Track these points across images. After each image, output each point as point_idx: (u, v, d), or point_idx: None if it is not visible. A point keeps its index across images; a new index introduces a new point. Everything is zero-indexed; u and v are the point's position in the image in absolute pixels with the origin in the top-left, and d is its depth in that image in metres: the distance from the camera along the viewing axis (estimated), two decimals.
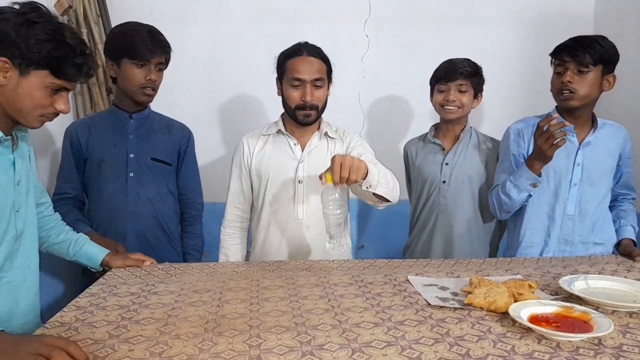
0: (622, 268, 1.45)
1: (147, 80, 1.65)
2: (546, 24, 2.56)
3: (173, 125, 1.86)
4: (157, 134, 1.78)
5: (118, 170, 1.70)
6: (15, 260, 1.17)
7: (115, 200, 1.70)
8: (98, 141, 1.71)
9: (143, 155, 1.73)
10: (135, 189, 1.71)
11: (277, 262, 1.53)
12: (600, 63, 1.55)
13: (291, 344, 0.93)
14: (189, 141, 1.88)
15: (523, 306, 1.05)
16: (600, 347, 0.91)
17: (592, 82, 1.56)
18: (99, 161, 1.70)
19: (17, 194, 1.17)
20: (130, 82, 1.65)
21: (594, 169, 1.64)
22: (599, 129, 1.65)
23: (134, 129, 1.74)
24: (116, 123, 1.74)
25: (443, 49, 2.30)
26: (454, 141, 1.89)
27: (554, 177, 1.65)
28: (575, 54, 1.55)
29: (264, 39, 2.50)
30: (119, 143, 1.71)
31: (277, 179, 1.66)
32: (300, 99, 1.59)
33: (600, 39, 1.57)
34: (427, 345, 0.92)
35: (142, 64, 1.63)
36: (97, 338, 0.96)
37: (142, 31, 1.63)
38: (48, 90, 1.08)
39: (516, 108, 2.39)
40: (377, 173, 1.40)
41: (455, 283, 1.29)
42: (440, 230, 1.86)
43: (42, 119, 1.13)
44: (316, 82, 1.59)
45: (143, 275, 1.38)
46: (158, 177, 1.76)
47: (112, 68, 1.67)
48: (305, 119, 1.61)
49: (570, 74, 1.56)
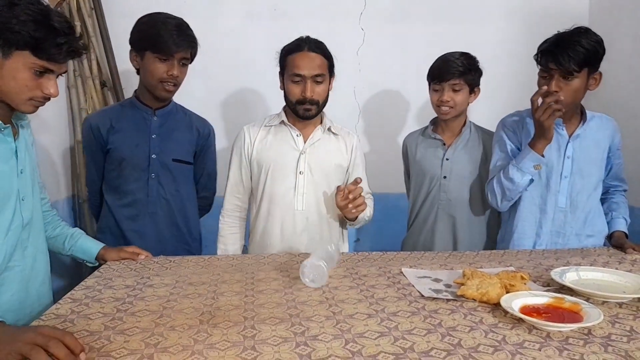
0: (614, 260, 1.47)
1: (169, 75, 1.59)
2: (541, 20, 2.57)
3: (195, 120, 1.81)
4: (179, 132, 1.74)
5: (140, 171, 1.67)
6: (27, 250, 1.19)
7: (136, 201, 1.68)
8: (120, 138, 1.67)
9: (165, 156, 1.69)
10: (157, 189, 1.68)
11: (271, 255, 1.54)
12: (586, 66, 1.51)
13: (285, 334, 0.94)
14: (209, 139, 1.84)
15: (514, 297, 1.06)
16: (589, 336, 0.93)
17: (578, 87, 1.54)
18: (120, 159, 1.66)
19: (22, 182, 1.18)
20: (151, 75, 1.60)
21: (584, 161, 1.65)
22: (588, 122, 1.66)
23: (157, 127, 1.69)
24: (139, 119, 1.69)
25: (438, 42, 2.30)
26: (454, 136, 1.89)
27: (545, 169, 1.66)
28: (559, 62, 1.50)
29: (261, 33, 2.50)
30: (141, 142, 1.67)
31: (278, 169, 1.67)
32: (300, 94, 1.60)
33: (584, 38, 1.50)
34: (420, 336, 0.93)
35: (165, 58, 1.57)
36: (92, 330, 0.96)
37: (169, 24, 1.56)
38: (32, 71, 1.07)
39: (510, 103, 2.38)
40: (363, 217, 1.65)
41: (449, 275, 1.30)
42: (442, 225, 1.87)
43: (32, 102, 1.12)
44: (316, 77, 1.60)
45: (138, 268, 1.39)
46: (179, 177, 1.74)
47: (135, 59, 1.63)
48: (306, 113, 1.63)
49: (556, 83, 1.53)
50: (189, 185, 1.79)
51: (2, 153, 1.13)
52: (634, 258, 1.49)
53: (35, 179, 1.26)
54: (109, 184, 1.70)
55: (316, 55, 1.60)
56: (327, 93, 1.67)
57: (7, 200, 1.13)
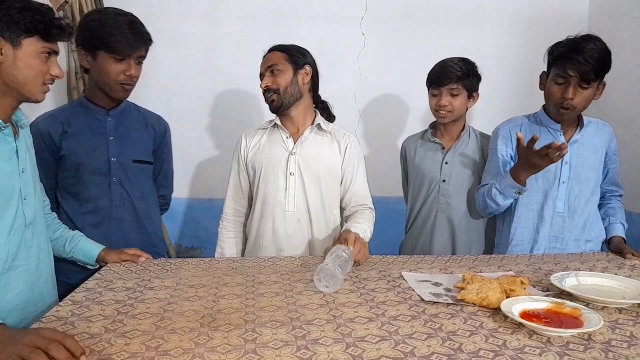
0: (613, 265, 1.47)
1: (127, 75, 1.52)
2: (541, 24, 2.58)
3: (149, 118, 1.74)
4: (136, 132, 1.67)
5: (100, 176, 1.58)
6: (31, 250, 1.20)
7: (99, 206, 1.59)
8: (75, 143, 1.56)
9: (125, 158, 1.62)
10: (119, 193, 1.61)
11: (272, 257, 1.54)
12: (601, 75, 1.55)
13: (286, 338, 0.94)
14: (165, 135, 1.79)
15: (515, 302, 1.07)
16: (589, 342, 0.93)
17: (590, 96, 1.57)
18: (77, 165, 1.56)
19: (23, 182, 1.18)
20: (107, 76, 1.51)
21: (581, 167, 1.66)
22: (585, 127, 1.67)
23: (113, 128, 1.61)
24: (92, 121, 1.59)
25: (438, 47, 2.32)
26: (453, 140, 1.90)
27: (543, 175, 1.67)
28: (581, 70, 1.50)
29: (261, 37, 2.50)
30: (99, 146, 1.58)
31: (270, 170, 1.69)
32: (262, 87, 1.69)
33: (601, 49, 1.52)
34: (420, 340, 0.93)
35: (121, 58, 1.50)
36: (93, 332, 0.97)
37: (122, 22, 1.49)
38: (43, 56, 1.13)
39: (510, 107, 2.41)
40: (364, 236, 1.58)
41: (449, 279, 1.31)
42: (441, 228, 1.87)
43: (44, 88, 1.16)
44: (270, 68, 1.67)
45: (139, 270, 1.39)
46: (140, 177, 1.68)
47: (85, 58, 1.53)
48: (270, 104, 1.69)
49: (573, 90, 1.54)
50: (151, 185, 1.74)
51: (3, 152, 1.14)
52: (633, 263, 1.49)
53: (37, 180, 1.27)
54: (67, 191, 1.59)
55: (272, 52, 1.70)
56: (292, 82, 1.66)
57: (9, 199, 1.13)
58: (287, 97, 1.67)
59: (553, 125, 1.67)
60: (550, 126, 1.68)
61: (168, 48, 2.52)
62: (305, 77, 1.69)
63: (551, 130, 1.68)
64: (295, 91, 1.67)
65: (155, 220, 1.77)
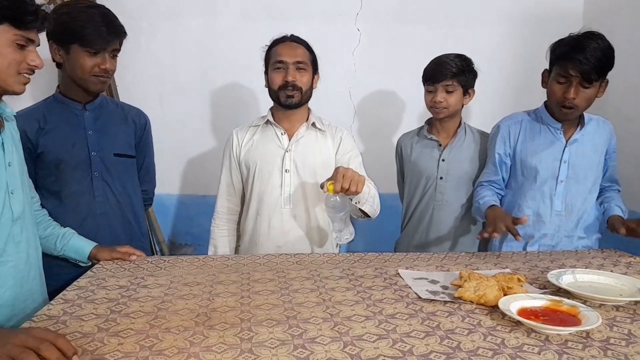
0: (609, 262, 1.47)
1: (102, 69, 1.49)
2: (536, 21, 2.58)
3: (128, 111, 1.71)
4: (115, 125, 1.64)
5: (81, 171, 1.55)
6: (20, 245, 1.17)
7: (82, 202, 1.56)
8: (53, 139, 1.52)
9: (106, 152, 1.58)
10: (102, 188, 1.58)
11: (267, 255, 1.52)
12: (604, 75, 1.54)
13: (283, 337, 0.92)
14: (145, 128, 1.75)
15: (512, 300, 1.06)
16: (588, 340, 0.92)
17: (592, 95, 1.56)
18: (58, 162, 1.52)
19: (10, 175, 1.15)
20: (81, 70, 1.48)
21: (580, 166, 1.66)
22: (586, 126, 1.66)
23: (91, 122, 1.58)
24: (69, 116, 1.56)
25: (434, 43, 2.31)
26: (449, 137, 1.89)
27: (541, 174, 1.67)
28: (584, 70, 1.49)
29: (257, 33, 2.47)
30: (78, 141, 1.54)
31: (264, 168, 1.67)
32: (282, 79, 1.62)
33: (603, 47, 1.51)
34: (418, 339, 0.92)
35: (95, 51, 1.46)
36: (85, 331, 0.95)
37: (94, 15, 1.45)
38: (15, 45, 1.07)
39: (506, 104, 2.41)
40: (368, 192, 1.54)
41: (445, 276, 1.30)
42: (437, 225, 1.87)
43: (21, 79, 1.11)
44: (299, 64, 1.62)
45: (132, 268, 1.37)
46: (123, 172, 1.64)
47: (58, 52, 1.49)
48: (289, 99, 1.63)
49: (575, 90, 1.53)
50: (134, 179, 1.71)
51: None
52: (629, 261, 1.49)
53: (25, 175, 1.24)
54: (47, 190, 1.54)
55: (298, 45, 1.64)
56: (311, 85, 1.67)
57: None
58: (304, 98, 1.67)
59: (554, 124, 1.67)
60: (551, 125, 1.67)
61: (163, 44, 2.49)
62: (316, 82, 1.70)
63: (552, 128, 1.67)
64: (309, 94, 1.69)
65: (140, 215, 1.74)
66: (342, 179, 1.36)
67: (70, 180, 1.54)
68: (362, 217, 1.62)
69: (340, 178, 1.37)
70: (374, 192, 1.60)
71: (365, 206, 1.55)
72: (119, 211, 1.63)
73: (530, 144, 1.70)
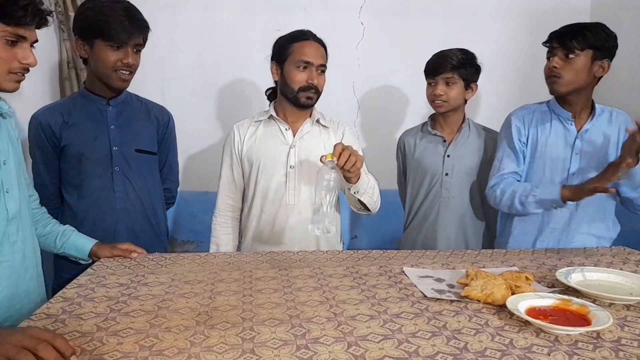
0: (618, 260, 1.44)
1: (124, 63, 1.49)
2: (542, 15, 2.54)
3: (152, 108, 1.72)
4: (138, 121, 1.65)
5: (102, 166, 1.57)
6: (16, 245, 1.15)
7: (102, 197, 1.57)
8: (76, 132, 1.55)
9: (127, 147, 1.60)
10: (122, 183, 1.59)
11: (269, 252, 1.50)
12: (590, 48, 1.53)
13: (285, 337, 0.90)
14: (169, 126, 1.76)
15: (520, 299, 1.03)
16: (599, 340, 0.90)
17: (580, 68, 1.54)
18: (79, 155, 1.55)
19: (5, 174, 1.13)
20: (104, 65, 1.49)
21: (592, 157, 1.61)
22: (598, 116, 1.63)
23: (114, 117, 1.60)
24: (93, 111, 1.58)
25: (438, 37, 2.27)
26: (453, 133, 1.86)
27: (551, 166, 1.63)
28: (562, 40, 1.55)
29: (258, 27, 2.46)
30: (100, 135, 1.57)
31: (269, 164, 1.65)
32: (306, 80, 1.59)
33: (594, 27, 1.55)
34: (424, 339, 0.90)
35: (118, 46, 1.48)
36: (84, 331, 0.93)
37: (117, 9, 1.46)
38: (3, 41, 1.04)
39: (512, 99, 2.36)
40: (367, 182, 1.51)
41: (451, 275, 1.27)
42: (444, 223, 1.84)
43: (11, 77, 1.08)
44: (321, 67, 1.61)
45: (132, 265, 1.35)
46: (144, 168, 1.65)
47: (82, 48, 1.51)
48: (308, 101, 1.61)
49: (556, 59, 1.56)
50: (155, 176, 1.71)
51: None
52: (638, 258, 1.46)
53: (22, 173, 1.22)
54: (70, 184, 1.58)
55: (321, 47, 1.63)
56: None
57: None
58: (318, 99, 1.66)
59: (564, 114, 1.64)
60: (561, 115, 1.64)
61: (163, 38, 2.46)
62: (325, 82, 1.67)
63: (562, 119, 1.64)
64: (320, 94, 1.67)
65: (160, 213, 1.74)
66: (341, 150, 1.33)
67: (92, 174, 1.57)
68: (362, 209, 1.60)
69: (340, 150, 1.33)
70: (373, 183, 1.58)
71: (365, 197, 1.52)
72: (140, 207, 1.64)
73: (542, 135, 1.67)
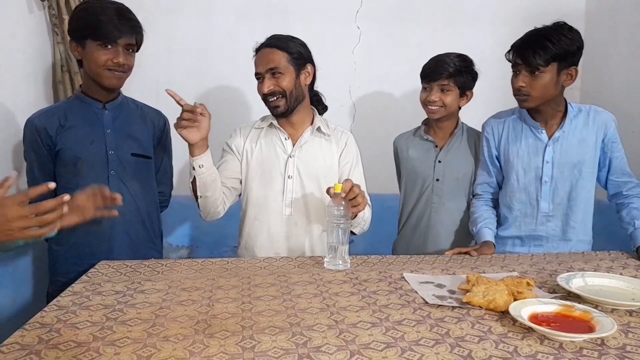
0: (617, 265, 1.44)
1: (114, 63, 1.48)
2: (537, 21, 2.51)
3: (148, 112, 1.72)
4: (134, 125, 1.65)
5: (98, 170, 1.56)
6: None
7: None
8: (72, 136, 1.55)
9: (123, 151, 1.59)
10: (118, 187, 1.56)
11: (267, 258, 1.48)
12: (554, 61, 1.48)
13: (286, 345, 0.89)
14: (165, 130, 1.75)
15: (523, 305, 1.02)
16: (603, 347, 0.89)
17: (547, 83, 1.50)
18: (75, 159, 1.54)
19: None
20: (95, 64, 1.49)
21: (565, 165, 1.59)
22: (571, 120, 1.59)
23: (110, 121, 1.59)
24: (89, 115, 1.58)
25: (434, 42, 2.27)
26: (446, 138, 1.85)
27: (525, 175, 1.63)
28: (524, 57, 1.49)
29: (254, 32, 2.41)
30: (96, 139, 1.56)
31: (267, 172, 1.62)
32: (262, 92, 1.58)
33: (554, 33, 1.48)
34: (428, 347, 0.88)
35: (108, 45, 1.47)
36: (80, 340, 0.91)
37: (108, 9, 1.47)
38: None
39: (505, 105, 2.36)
40: (362, 216, 1.54)
41: (452, 280, 1.26)
42: (435, 227, 1.82)
43: None
44: (271, 70, 1.55)
45: (129, 272, 1.33)
46: (139, 172, 1.64)
47: (76, 49, 1.51)
48: (275, 109, 1.59)
49: (522, 77, 1.51)
50: (151, 180, 1.70)
51: None
52: (638, 263, 1.46)
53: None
54: (65, 187, 1.50)
55: (270, 50, 1.56)
56: (298, 85, 1.58)
57: None
58: (293, 102, 1.59)
59: (533, 123, 1.62)
60: (531, 124, 1.63)
61: (159, 43, 2.44)
62: (308, 77, 1.61)
63: (532, 128, 1.63)
64: (299, 93, 1.59)
65: (155, 218, 1.73)
66: (350, 187, 1.34)
67: (87, 178, 1.53)
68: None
69: (349, 186, 1.34)
70: (367, 215, 1.61)
71: (357, 229, 1.61)
72: (135, 211, 1.63)
73: (513, 145, 1.66)
